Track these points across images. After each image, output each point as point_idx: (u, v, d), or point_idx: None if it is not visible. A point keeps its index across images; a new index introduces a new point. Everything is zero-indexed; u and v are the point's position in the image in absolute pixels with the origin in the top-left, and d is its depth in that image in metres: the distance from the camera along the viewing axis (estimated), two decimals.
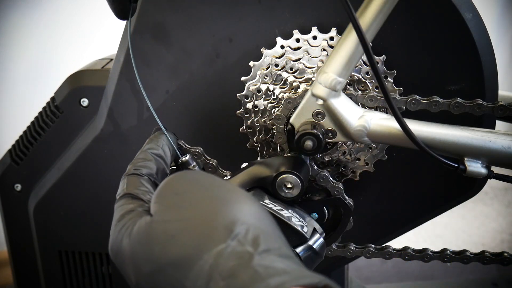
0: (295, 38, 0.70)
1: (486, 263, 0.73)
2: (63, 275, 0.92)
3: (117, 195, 0.50)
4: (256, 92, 0.72)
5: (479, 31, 0.68)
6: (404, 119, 0.62)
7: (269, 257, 0.37)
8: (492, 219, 2.04)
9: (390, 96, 0.56)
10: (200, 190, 0.43)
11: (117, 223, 0.46)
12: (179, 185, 0.44)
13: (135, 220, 0.44)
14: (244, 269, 0.36)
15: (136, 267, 0.41)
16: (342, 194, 0.65)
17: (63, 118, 0.83)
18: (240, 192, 0.44)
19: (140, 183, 0.51)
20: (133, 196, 0.49)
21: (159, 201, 0.44)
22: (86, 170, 0.83)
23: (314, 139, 0.61)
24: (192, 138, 0.77)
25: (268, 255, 0.37)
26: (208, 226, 0.40)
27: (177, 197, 0.43)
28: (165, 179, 0.46)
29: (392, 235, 0.81)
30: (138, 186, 0.50)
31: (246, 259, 0.37)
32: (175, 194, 0.43)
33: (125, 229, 0.44)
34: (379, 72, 0.51)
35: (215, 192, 0.43)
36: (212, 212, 0.41)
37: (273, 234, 0.41)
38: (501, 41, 2.18)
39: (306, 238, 0.57)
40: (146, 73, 0.75)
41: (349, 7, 0.50)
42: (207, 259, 0.38)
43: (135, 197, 0.48)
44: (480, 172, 0.61)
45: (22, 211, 0.90)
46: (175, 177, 0.46)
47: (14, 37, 1.61)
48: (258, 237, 0.39)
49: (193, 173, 0.48)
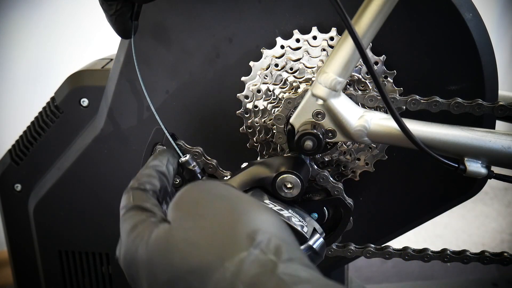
0: (295, 38, 0.70)
1: (486, 263, 0.73)
2: (63, 275, 0.92)
3: (122, 208, 0.49)
4: (256, 92, 0.72)
5: (479, 31, 0.68)
6: (403, 119, 0.62)
7: (293, 266, 0.37)
8: (492, 219, 2.04)
9: (387, 97, 0.56)
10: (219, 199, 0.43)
11: (130, 233, 0.45)
12: (198, 194, 0.44)
13: (151, 229, 0.43)
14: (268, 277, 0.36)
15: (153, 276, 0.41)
16: (342, 194, 0.65)
17: (63, 118, 0.83)
18: (258, 203, 0.45)
19: (147, 197, 0.50)
20: (142, 208, 0.48)
21: (178, 208, 0.44)
22: (86, 170, 0.83)
23: (314, 139, 0.61)
24: (192, 138, 0.77)
25: (292, 264, 0.37)
26: (230, 234, 0.40)
27: (197, 205, 0.43)
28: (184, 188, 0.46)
29: (392, 235, 0.81)
30: (145, 200, 0.50)
31: (270, 268, 0.37)
32: (194, 202, 0.43)
33: (141, 239, 0.43)
34: (375, 72, 0.51)
35: (234, 202, 0.43)
36: (233, 221, 0.41)
37: (293, 244, 0.41)
38: (501, 41, 2.18)
39: (306, 238, 0.57)
40: (146, 73, 0.75)
41: (342, 11, 0.50)
42: (228, 267, 0.37)
43: (144, 209, 0.48)
44: (480, 172, 0.61)
45: (22, 211, 0.90)
46: (194, 186, 0.46)
47: (14, 37, 1.61)
48: (280, 246, 0.39)
49: (211, 183, 0.48)
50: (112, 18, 0.58)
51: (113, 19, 0.58)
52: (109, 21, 0.59)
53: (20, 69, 1.65)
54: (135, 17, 0.59)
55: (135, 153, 0.80)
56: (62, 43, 1.63)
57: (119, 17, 0.57)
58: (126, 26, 0.59)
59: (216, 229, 0.40)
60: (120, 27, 0.59)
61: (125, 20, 0.58)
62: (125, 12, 0.57)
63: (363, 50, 0.52)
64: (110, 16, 0.58)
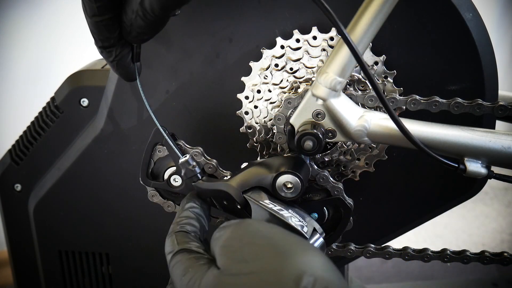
0: (295, 38, 0.70)
1: (486, 263, 0.73)
2: (63, 275, 0.92)
3: (168, 253, 0.51)
4: (256, 92, 0.72)
5: (479, 31, 0.68)
6: (403, 119, 0.62)
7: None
8: (492, 219, 2.04)
9: (384, 97, 0.56)
10: (265, 241, 0.45)
11: (183, 278, 0.47)
12: (244, 236, 0.46)
13: (201, 273, 0.45)
14: None
15: None
16: (342, 194, 0.65)
17: (63, 118, 0.83)
18: (304, 242, 0.46)
19: (190, 239, 0.52)
20: (189, 251, 0.50)
21: (225, 253, 0.45)
22: (86, 170, 0.83)
23: (314, 139, 0.61)
24: (192, 138, 0.77)
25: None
26: (276, 280, 0.41)
27: (244, 249, 0.44)
28: (229, 227, 0.48)
29: (392, 235, 0.81)
30: (190, 241, 0.51)
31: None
32: (240, 245, 0.45)
33: (193, 283, 0.45)
34: (370, 74, 0.51)
35: (280, 245, 0.44)
36: (279, 265, 0.42)
37: (339, 284, 0.42)
38: (501, 41, 2.18)
39: (306, 238, 0.57)
40: (146, 73, 0.75)
41: (334, 19, 0.50)
42: None
43: (191, 251, 0.50)
44: (480, 172, 0.61)
45: (22, 211, 0.90)
46: (239, 228, 0.47)
47: (14, 37, 1.61)
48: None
49: (255, 224, 0.49)
50: (113, 64, 0.58)
51: (114, 64, 0.58)
52: (112, 68, 0.59)
53: (20, 69, 1.65)
54: (136, 58, 0.59)
55: (135, 153, 0.80)
56: (62, 43, 1.62)
57: (120, 61, 0.58)
58: (129, 69, 0.59)
59: (263, 275, 0.41)
60: (122, 71, 0.59)
61: (127, 63, 0.59)
62: (125, 55, 0.58)
63: (356, 51, 0.52)
64: (111, 62, 0.58)
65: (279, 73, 0.71)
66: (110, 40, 0.55)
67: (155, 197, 0.68)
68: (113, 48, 0.56)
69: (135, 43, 0.57)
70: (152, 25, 0.53)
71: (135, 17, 0.52)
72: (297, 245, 0.45)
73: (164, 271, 0.87)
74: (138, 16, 0.52)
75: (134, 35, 0.54)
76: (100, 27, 0.54)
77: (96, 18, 0.53)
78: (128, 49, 0.58)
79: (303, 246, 0.45)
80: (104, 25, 0.54)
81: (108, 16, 0.53)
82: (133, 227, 0.86)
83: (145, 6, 0.51)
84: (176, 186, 0.64)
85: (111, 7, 0.53)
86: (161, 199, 0.68)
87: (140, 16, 0.52)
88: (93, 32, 0.55)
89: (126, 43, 0.57)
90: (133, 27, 0.53)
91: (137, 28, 0.53)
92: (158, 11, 0.51)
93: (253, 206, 0.59)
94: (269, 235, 0.46)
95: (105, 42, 0.55)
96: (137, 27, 0.53)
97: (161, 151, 0.65)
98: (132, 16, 0.52)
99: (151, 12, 0.51)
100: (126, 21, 0.53)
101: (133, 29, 0.53)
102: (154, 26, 0.53)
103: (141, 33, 0.54)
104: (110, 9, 0.53)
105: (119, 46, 0.56)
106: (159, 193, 0.68)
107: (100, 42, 0.56)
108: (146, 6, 0.50)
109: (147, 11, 0.51)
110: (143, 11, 0.51)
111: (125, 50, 0.57)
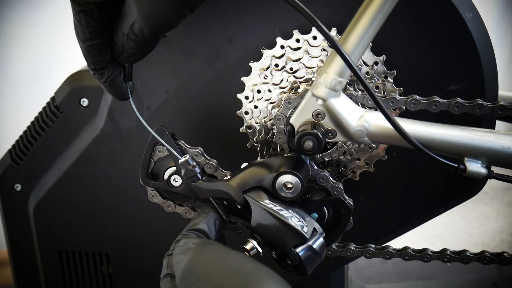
0: (295, 38, 0.70)
1: (486, 263, 0.73)
2: (63, 275, 0.92)
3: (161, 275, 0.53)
4: (256, 92, 0.72)
5: (479, 31, 0.68)
6: (403, 119, 0.62)
7: None
8: (492, 219, 2.04)
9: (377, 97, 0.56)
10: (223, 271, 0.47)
11: None
12: (202, 266, 0.48)
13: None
14: None
15: None
16: (342, 194, 0.65)
17: (63, 118, 0.83)
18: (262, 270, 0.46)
19: None
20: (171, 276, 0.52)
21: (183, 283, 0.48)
22: (86, 170, 0.83)
23: (314, 139, 0.61)
24: (192, 138, 0.77)
25: None
26: None
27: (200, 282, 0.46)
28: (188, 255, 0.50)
29: (392, 235, 0.81)
30: None
31: None
32: (197, 278, 0.47)
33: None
34: (362, 78, 0.51)
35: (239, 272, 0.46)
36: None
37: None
38: (501, 41, 2.18)
39: (306, 238, 0.57)
40: (146, 73, 0.75)
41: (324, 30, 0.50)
42: None
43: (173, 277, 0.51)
44: (480, 172, 0.61)
45: (22, 211, 0.90)
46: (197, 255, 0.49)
47: (14, 37, 1.61)
48: None
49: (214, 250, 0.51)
50: (105, 85, 0.60)
51: (107, 85, 0.60)
52: (105, 88, 0.61)
53: (20, 69, 1.65)
54: (128, 78, 0.61)
55: (135, 153, 0.80)
56: (62, 43, 1.62)
57: (112, 82, 0.59)
58: (121, 89, 0.61)
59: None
60: (115, 92, 0.61)
61: (119, 83, 0.60)
62: (117, 76, 0.59)
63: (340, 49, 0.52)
64: (103, 83, 0.60)
65: (279, 73, 0.71)
66: (102, 63, 0.57)
67: (155, 197, 0.68)
68: (105, 70, 0.58)
69: (126, 64, 0.59)
70: (143, 47, 0.55)
71: (126, 40, 0.54)
72: (256, 273, 0.45)
73: None
74: (130, 38, 0.53)
75: (126, 56, 0.56)
76: (92, 51, 0.56)
77: (88, 42, 0.55)
78: (120, 69, 0.60)
79: (262, 274, 0.45)
80: (96, 49, 0.56)
81: (100, 40, 0.55)
82: (133, 227, 0.86)
83: (135, 30, 0.52)
84: (176, 186, 0.64)
85: (102, 32, 0.55)
86: (161, 199, 0.68)
87: (131, 39, 0.53)
88: (86, 56, 0.57)
89: (118, 64, 0.59)
90: (124, 48, 0.55)
91: (128, 49, 0.55)
92: (148, 35, 0.53)
93: (253, 206, 0.59)
94: (227, 264, 0.47)
95: (97, 65, 0.57)
96: (129, 49, 0.55)
97: (161, 151, 0.65)
98: (123, 38, 0.54)
99: (141, 35, 0.53)
100: (118, 42, 0.55)
101: (125, 51, 0.55)
102: (145, 48, 0.55)
103: (133, 54, 0.56)
104: (101, 34, 0.55)
105: (111, 67, 0.58)
106: (159, 193, 0.68)
107: (92, 65, 0.57)
108: (136, 30, 0.52)
109: (137, 35, 0.53)
110: (134, 35, 0.53)
111: (117, 71, 0.59)
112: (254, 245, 0.59)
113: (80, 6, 0.52)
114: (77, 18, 0.53)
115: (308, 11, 0.52)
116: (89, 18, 0.53)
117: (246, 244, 0.59)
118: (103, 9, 0.53)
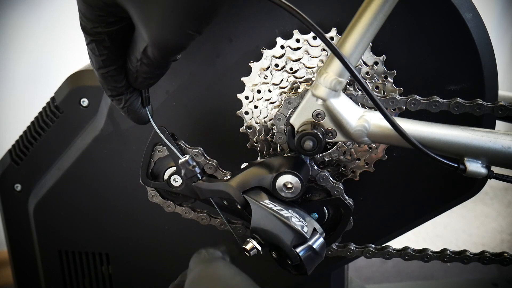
0: (295, 38, 0.70)
1: (486, 263, 0.73)
2: (63, 275, 0.92)
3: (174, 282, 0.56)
4: (256, 92, 0.72)
5: (479, 31, 0.68)
6: (402, 119, 0.62)
7: None
8: (492, 219, 2.04)
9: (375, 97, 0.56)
10: None
11: None
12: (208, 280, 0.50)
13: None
14: None
15: None
16: (342, 194, 0.65)
17: (63, 118, 0.83)
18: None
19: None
20: None
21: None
22: (86, 170, 0.83)
23: (314, 139, 0.61)
24: (192, 138, 0.77)
25: None
26: None
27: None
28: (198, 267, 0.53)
29: (392, 235, 0.81)
30: None
31: None
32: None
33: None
34: (358, 75, 0.51)
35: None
36: None
37: None
38: (501, 41, 2.18)
39: (306, 238, 0.57)
40: None
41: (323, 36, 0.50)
42: None
43: None
44: (480, 172, 0.61)
45: (22, 211, 0.90)
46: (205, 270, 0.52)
47: (14, 37, 1.61)
48: None
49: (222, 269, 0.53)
50: (124, 110, 0.61)
51: (125, 111, 0.61)
52: (123, 114, 0.62)
53: (20, 69, 1.65)
54: (146, 102, 0.62)
55: (135, 153, 0.80)
56: (62, 43, 1.62)
57: (130, 107, 0.60)
58: (140, 114, 0.62)
59: None
60: (134, 116, 0.62)
61: (137, 108, 0.61)
62: (134, 101, 0.60)
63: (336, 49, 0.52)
64: (121, 109, 0.61)
65: (279, 73, 0.71)
66: (118, 89, 0.58)
67: (155, 197, 0.68)
68: (122, 96, 0.59)
69: (141, 89, 0.60)
70: (156, 70, 0.56)
71: (140, 65, 0.55)
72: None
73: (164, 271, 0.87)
74: (143, 63, 0.55)
75: (141, 81, 0.57)
76: (107, 78, 0.57)
77: (102, 70, 0.56)
78: (137, 95, 0.61)
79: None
80: (111, 76, 0.57)
81: (113, 67, 0.56)
82: (133, 227, 0.86)
83: (148, 54, 0.54)
84: (176, 186, 0.64)
85: (115, 59, 0.56)
86: (161, 199, 0.68)
87: (144, 63, 0.55)
88: (102, 83, 0.58)
89: (134, 89, 0.60)
90: (139, 73, 0.56)
91: (143, 74, 0.56)
92: (160, 58, 0.54)
93: (253, 206, 0.59)
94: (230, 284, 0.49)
95: (114, 91, 0.59)
96: (143, 73, 0.56)
97: (161, 151, 0.65)
98: (137, 64, 0.55)
99: (153, 59, 0.54)
100: (132, 68, 0.56)
101: (139, 75, 0.57)
102: (158, 71, 0.57)
103: (147, 78, 0.57)
104: (115, 61, 0.56)
105: (127, 93, 0.59)
106: (159, 193, 0.68)
107: (109, 91, 0.59)
108: (149, 54, 0.54)
109: (150, 59, 0.54)
110: (147, 59, 0.54)
111: (134, 96, 0.60)
112: (254, 245, 0.59)
113: (91, 36, 0.54)
114: (89, 47, 0.55)
115: (303, 15, 0.52)
116: (101, 47, 0.55)
117: (246, 244, 0.59)
118: (114, 38, 0.55)
